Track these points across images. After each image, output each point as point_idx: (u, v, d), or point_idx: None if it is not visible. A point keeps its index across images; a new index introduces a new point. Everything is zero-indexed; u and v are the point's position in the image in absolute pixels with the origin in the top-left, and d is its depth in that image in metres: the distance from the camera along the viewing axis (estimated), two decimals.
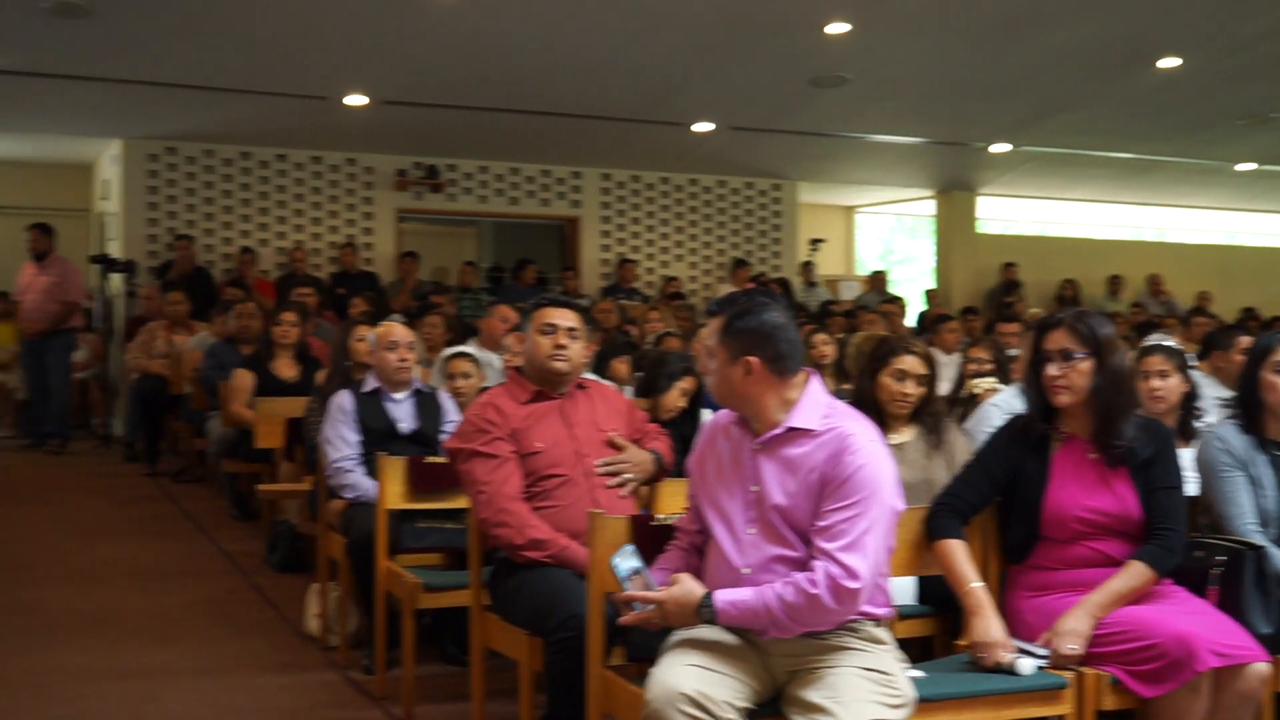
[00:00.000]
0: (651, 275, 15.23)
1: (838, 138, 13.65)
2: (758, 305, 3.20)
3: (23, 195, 14.92)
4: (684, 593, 3.13)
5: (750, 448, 3.21)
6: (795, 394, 3.19)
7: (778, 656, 3.13)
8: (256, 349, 8.47)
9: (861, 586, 3.01)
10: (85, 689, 4.97)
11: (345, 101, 11.55)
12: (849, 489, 3.05)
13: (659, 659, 3.15)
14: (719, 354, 3.20)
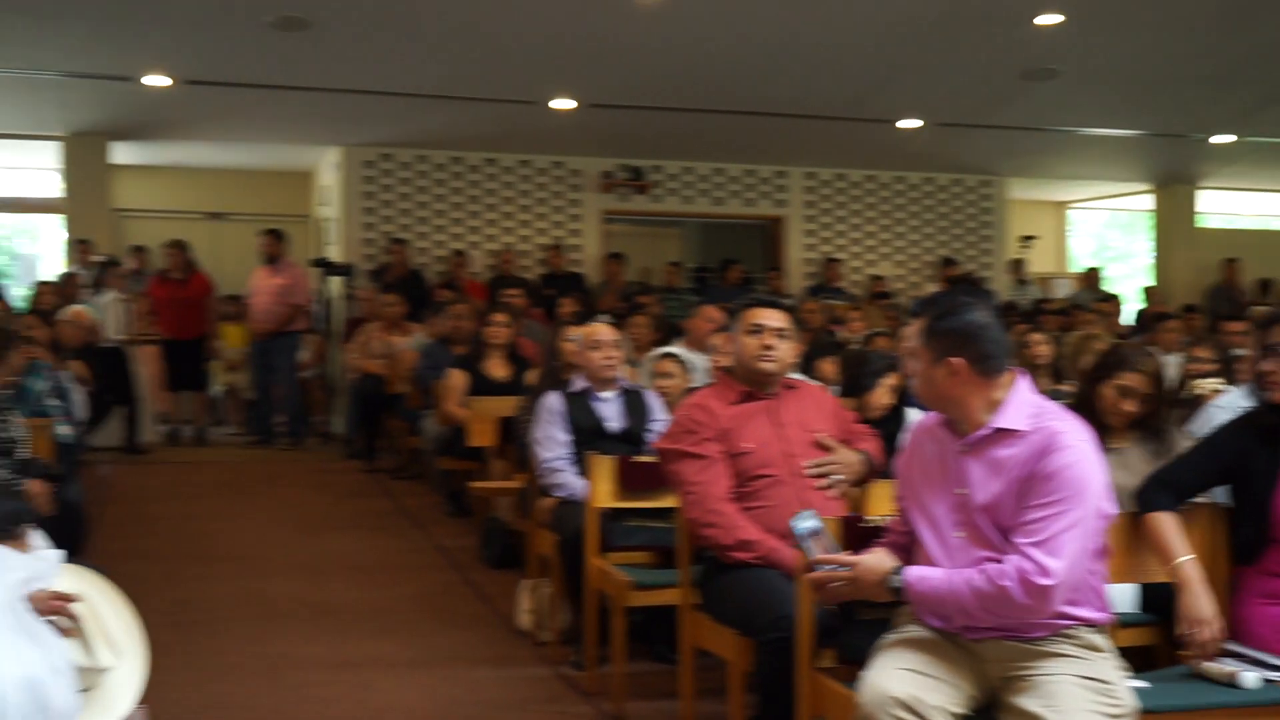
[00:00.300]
0: (857, 274, 15.07)
1: (1049, 132, 13.28)
2: (961, 305, 3.14)
3: (249, 202, 15.58)
4: (876, 560, 3.15)
5: (956, 450, 3.15)
6: (1002, 394, 3.12)
7: (992, 662, 3.07)
8: (469, 349, 8.66)
9: (1053, 584, 2.92)
10: (309, 676, 5.16)
11: (552, 105, 11.74)
12: (1052, 486, 2.97)
13: (870, 662, 3.12)
14: (922, 355, 3.15)
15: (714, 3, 9.14)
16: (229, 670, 5.21)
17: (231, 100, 11.60)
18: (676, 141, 13.50)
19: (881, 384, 5.53)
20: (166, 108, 11.85)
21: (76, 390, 7.52)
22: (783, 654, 3.53)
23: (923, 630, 3.15)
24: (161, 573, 6.84)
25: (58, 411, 6.47)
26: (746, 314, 4.28)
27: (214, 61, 10.47)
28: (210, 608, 6.19)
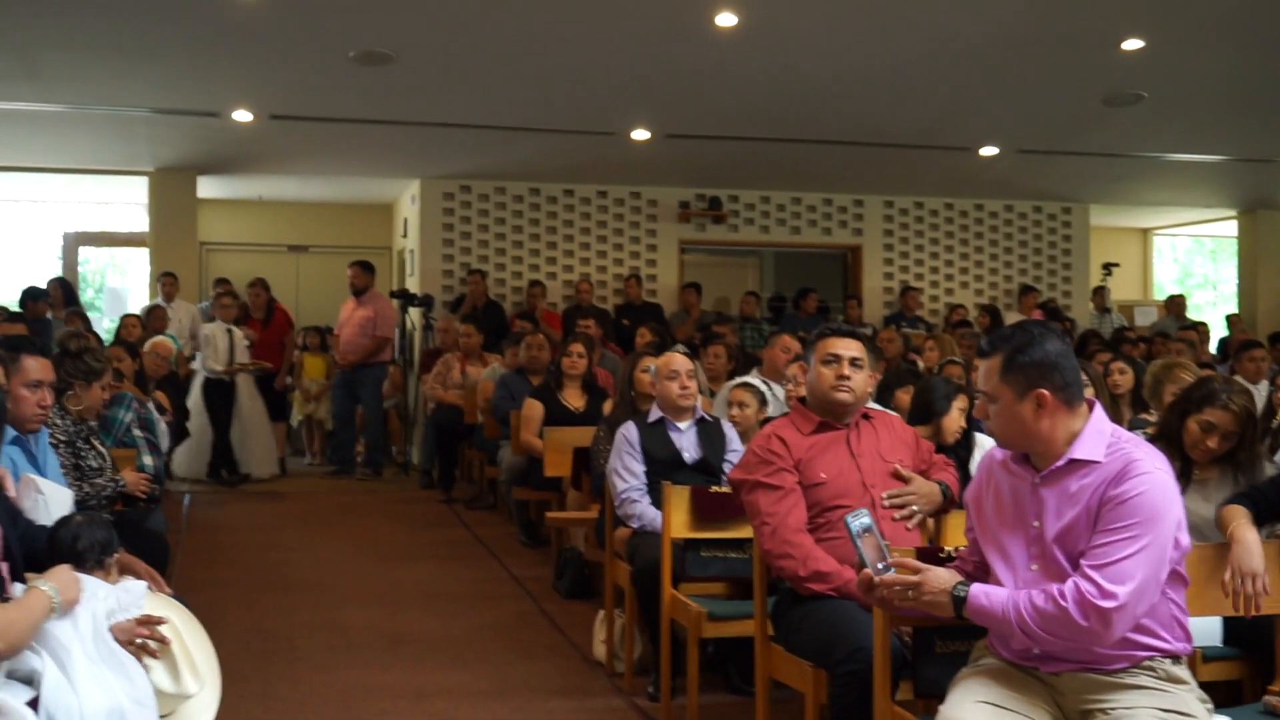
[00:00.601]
0: (935, 303, 14.96)
1: (1132, 158, 13.12)
2: (1036, 336, 3.08)
3: (331, 235, 15.81)
4: (943, 572, 3.14)
5: (1032, 482, 3.10)
6: (1079, 424, 3.06)
7: (1069, 694, 3.01)
8: (545, 379, 8.70)
9: (1114, 608, 2.86)
10: (385, 706, 5.18)
11: (630, 136, 11.79)
12: (1122, 513, 2.92)
13: (947, 694, 3.08)
14: (1003, 394, 3.08)
15: (791, 30, 9.13)
16: (305, 699, 5.24)
17: (314, 134, 11.79)
18: (753, 171, 13.50)
19: (954, 406, 5.46)
20: (251, 142, 12.06)
21: (161, 421, 7.62)
22: (858, 686, 3.49)
23: (998, 662, 3.10)
24: (240, 601, 6.91)
25: (142, 442, 6.56)
26: (822, 344, 4.26)
27: (298, 96, 10.64)
28: (287, 637, 6.24)
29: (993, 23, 9.02)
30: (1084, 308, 15.12)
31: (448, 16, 8.76)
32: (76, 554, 3.33)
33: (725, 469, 5.64)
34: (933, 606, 3.12)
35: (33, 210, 15.83)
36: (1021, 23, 9.04)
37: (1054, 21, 9.02)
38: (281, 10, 8.60)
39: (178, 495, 10.48)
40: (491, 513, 9.95)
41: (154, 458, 6.59)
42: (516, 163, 12.96)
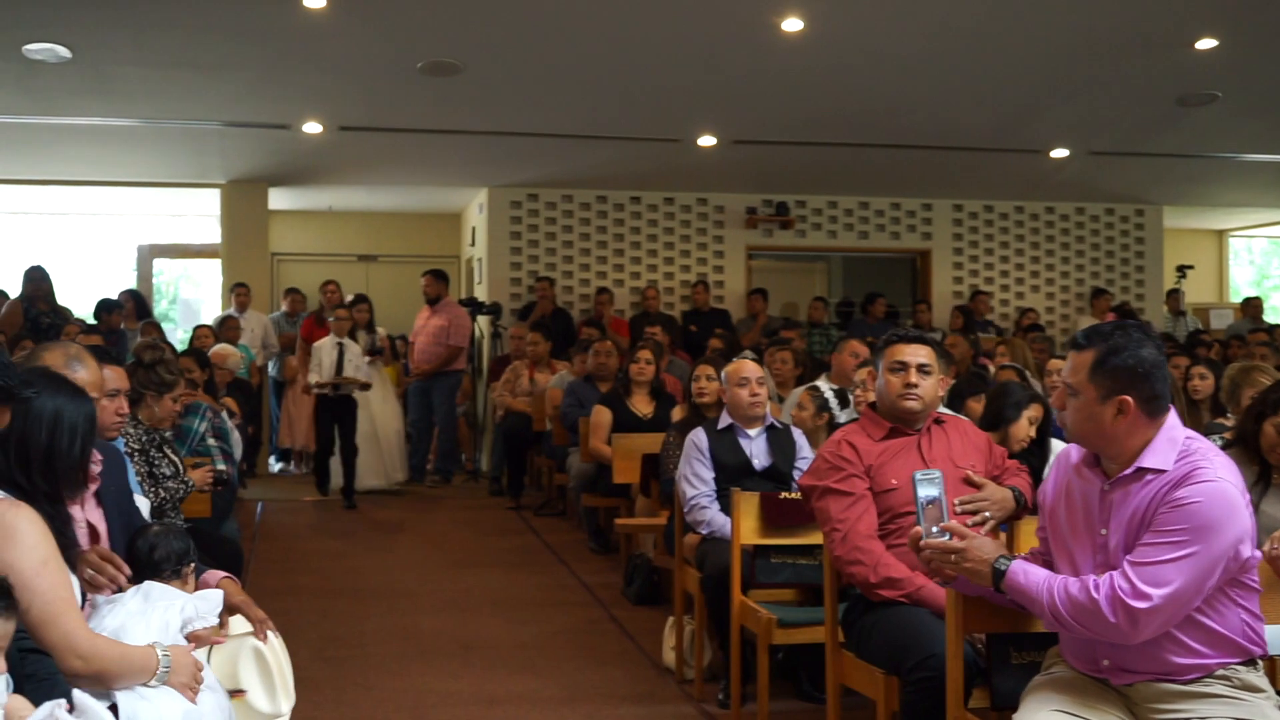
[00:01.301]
0: (1006, 307, 14.82)
1: (1207, 158, 12.93)
2: (1133, 341, 3.00)
3: (400, 244, 15.94)
4: (989, 543, 3.15)
5: (1101, 488, 3.06)
6: (1153, 432, 3.00)
7: (1143, 704, 2.97)
8: (614, 386, 8.71)
9: (1145, 609, 2.82)
10: (456, 712, 5.20)
11: (697, 142, 11.78)
12: (1173, 518, 2.87)
13: (1020, 703, 3.04)
14: (1086, 391, 3.02)
15: (857, 34, 9.10)
16: (377, 705, 5.28)
17: (383, 145, 11.89)
18: (820, 176, 13.45)
19: (1024, 415, 5.39)
20: (321, 154, 12.19)
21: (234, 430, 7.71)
22: (931, 693, 3.46)
23: (1070, 672, 3.06)
24: (313, 608, 6.97)
25: (216, 451, 6.64)
26: (889, 351, 4.23)
27: (366, 108, 10.75)
28: (359, 643, 6.28)
29: (1064, 24, 8.94)
30: (1158, 311, 14.91)
31: (514, 26, 8.81)
32: (153, 564, 3.37)
33: (795, 476, 5.62)
34: (973, 575, 3.14)
35: (108, 223, 16.09)
36: (1093, 24, 8.95)
37: (1126, 22, 8.92)
38: (349, 23, 8.69)
39: (251, 503, 10.59)
40: (560, 519, 9.97)
41: (228, 465, 6.67)
42: (583, 170, 13.00)
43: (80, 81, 9.71)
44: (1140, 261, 15.29)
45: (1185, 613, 2.88)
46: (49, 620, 2.70)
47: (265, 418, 12.85)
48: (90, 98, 10.15)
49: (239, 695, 3.30)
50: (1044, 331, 13.44)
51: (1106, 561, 2.99)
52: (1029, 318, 14.03)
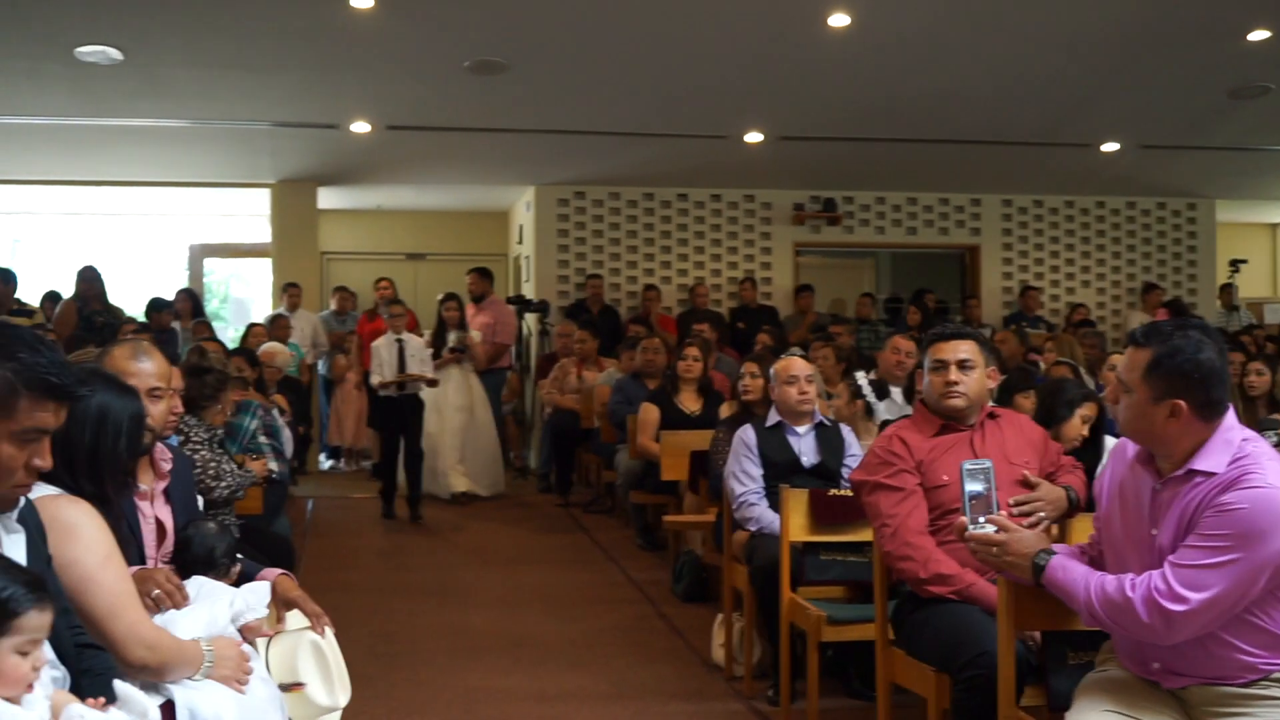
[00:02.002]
0: (1056, 303, 14.70)
1: (1261, 151, 12.77)
2: (1192, 342, 2.93)
3: (448, 243, 16.02)
4: (1031, 537, 3.15)
5: (1153, 487, 3.01)
6: (1208, 434, 2.94)
7: (1198, 707, 2.93)
8: (661, 383, 8.71)
9: (1180, 613, 2.79)
10: (506, 708, 5.22)
11: (743, 139, 11.76)
12: (1218, 522, 2.82)
13: (1073, 701, 3.02)
14: (1139, 390, 2.96)
15: (904, 29, 9.05)
16: (428, 702, 5.30)
17: (431, 144, 11.95)
18: (868, 172, 13.40)
19: (1077, 414, 5.33)
20: (369, 153, 12.26)
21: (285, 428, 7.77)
22: (982, 692, 3.44)
23: (1124, 672, 3.03)
24: (364, 605, 7.01)
25: (268, 449, 6.69)
26: (930, 350, 4.21)
27: (414, 107, 10.80)
28: (410, 640, 6.32)
29: (1113, 17, 8.86)
30: (1211, 305, 14.73)
31: (560, 24, 8.83)
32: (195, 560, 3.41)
33: (844, 473, 5.60)
34: (1013, 569, 3.14)
35: (160, 223, 16.24)
36: (1144, 16, 8.87)
37: (1177, 14, 8.83)
38: (397, 23, 8.74)
39: (302, 500, 10.66)
40: (609, 516, 9.98)
41: (280, 463, 6.73)
42: (630, 167, 13.01)
43: (132, 83, 9.81)
44: (1193, 256, 15.13)
45: (1226, 618, 2.84)
46: (115, 613, 2.73)
47: (315, 416, 12.93)
48: (142, 99, 10.25)
49: (298, 688, 3.33)
50: (1094, 327, 13.33)
51: (1155, 561, 2.94)
52: (1079, 313, 13.92)
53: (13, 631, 2.14)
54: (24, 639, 2.15)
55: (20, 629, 2.15)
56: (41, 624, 2.19)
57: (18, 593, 2.15)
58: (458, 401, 10.85)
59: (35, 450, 2.39)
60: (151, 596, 3.09)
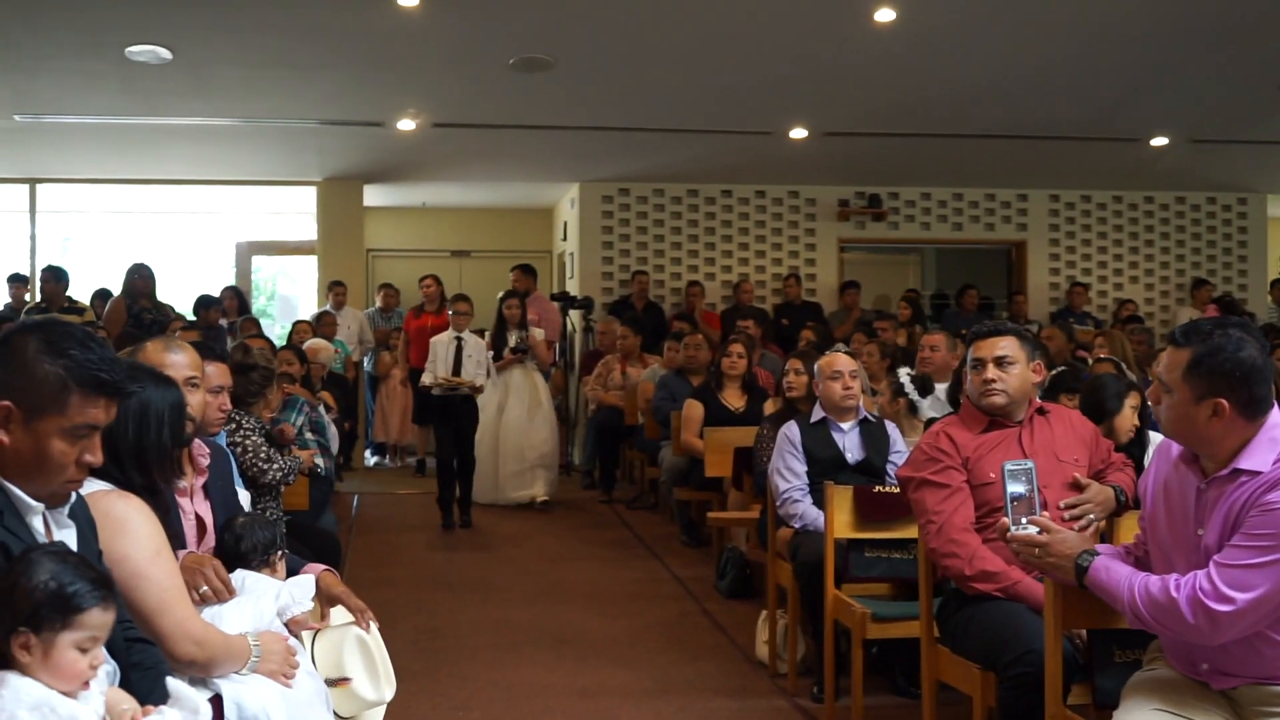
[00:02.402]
0: (1104, 299, 14.58)
1: None
2: (1232, 340, 2.89)
3: (493, 240, 16.07)
4: (1074, 537, 3.15)
5: (1198, 487, 2.98)
6: (1253, 433, 2.90)
7: (1248, 706, 2.90)
8: (705, 380, 8.70)
9: (1226, 613, 2.76)
10: (549, 704, 5.24)
11: (788, 135, 11.73)
12: (1263, 522, 2.79)
13: (1121, 700, 3.00)
14: (1180, 390, 2.93)
15: (950, 23, 8.99)
16: (472, 696, 5.33)
17: (475, 141, 11.99)
18: (913, 167, 13.33)
19: (1127, 404, 5.28)
20: (415, 150, 12.31)
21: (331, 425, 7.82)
22: (1028, 690, 3.42)
23: (1172, 672, 3.01)
24: (408, 601, 7.05)
25: (314, 445, 6.74)
26: (971, 347, 4.19)
27: (459, 104, 10.84)
28: (454, 635, 6.35)
29: (1163, 9, 8.76)
30: (1261, 301, 14.56)
31: (605, 21, 8.83)
32: (241, 554, 3.43)
33: (889, 469, 5.58)
34: (1056, 570, 3.14)
35: (207, 221, 16.38)
36: (1194, 8, 8.76)
37: (1228, 6, 8.72)
38: (442, 22, 8.77)
39: (348, 496, 10.73)
40: (653, 513, 9.99)
41: (325, 459, 6.77)
42: (674, 164, 13.00)
43: (181, 82, 9.89)
44: (1243, 251, 14.96)
45: (1273, 617, 2.81)
46: (164, 608, 2.76)
47: (361, 412, 13.01)
48: (190, 98, 10.34)
49: (345, 683, 3.36)
50: (1143, 323, 13.22)
51: (1201, 561, 2.91)
52: (1127, 309, 13.80)
53: (74, 627, 2.16)
54: (84, 635, 2.18)
55: (82, 625, 2.17)
56: (104, 622, 2.22)
57: (83, 589, 2.18)
58: (521, 404, 10.30)
59: (86, 446, 2.42)
60: (199, 593, 3.12)
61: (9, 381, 2.37)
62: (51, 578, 2.16)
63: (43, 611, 2.14)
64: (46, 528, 2.45)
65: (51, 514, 2.47)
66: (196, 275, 15.68)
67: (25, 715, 2.06)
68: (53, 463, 2.38)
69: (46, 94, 10.33)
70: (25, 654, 2.12)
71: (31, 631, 2.13)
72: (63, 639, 2.15)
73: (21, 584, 2.14)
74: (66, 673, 2.15)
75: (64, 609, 2.15)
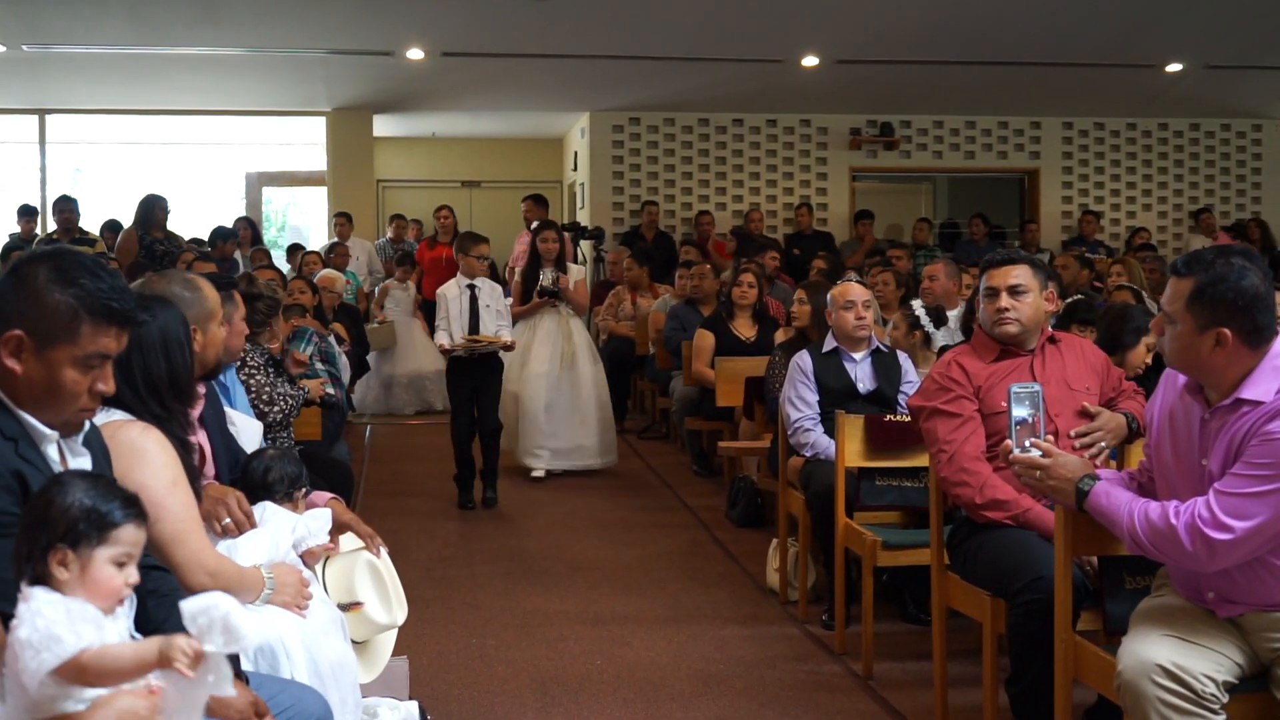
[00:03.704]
0: (1117, 227, 14.51)
1: None
2: (1235, 269, 2.88)
3: (503, 170, 16.02)
4: (1075, 462, 3.16)
5: (1202, 417, 2.99)
6: (1255, 361, 2.90)
7: (1258, 634, 2.92)
8: (716, 309, 8.69)
9: (1224, 541, 2.78)
10: (563, 631, 5.28)
11: (800, 63, 11.64)
12: (1263, 451, 2.80)
13: (1129, 627, 3.02)
14: (1184, 320, 2.92)
15: None
16: (485, 624, 5.37)
17: (485, 70, 11.92)
18: (926, 95, 13.23)
19: (1143, 342, 5.26)
20: (424, 80, 12.24)
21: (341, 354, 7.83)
22: (1038, 616, 3.44)
23: (1179, 600, 3.02)
24: (421, 529, 7.10)
25: (325, 374, 6.76)
26: (985, 276, 4.18)
27: (469, 33, 10.76)
28: (468, 563, 6.39)
29: None
30: (1276, 229, 14.49)
31: None
32: (266, 486, 3.45)
33: (901, 399, 5.58)
34: (1057, 493, 3.16)
35: (217, 152, 16.35)
36: None
37: None
38: None
39: (360, 426, 10.77)
40: (664, 443, 10.02)
41: (337, 389, 6.79)
42: (685, 93, 12.91)
43: (189, 11, 9.84)
44: (1257, 179, 14.88)
45: (1270, 545, 2.83)
46: (179, 538, 2.79)
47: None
48: (199, 27, 10.28)
49: (356, 607, 3.39)
50: (1155, 251, 13.16)
51: (1205, 490, 2.91)
52: (1140, 237, 13.74)
53: (110, 542, 2.20)
54: (120, 550, 2.21)
55: (118, 540, 2.21)
56: (138, 539, 2.25)
57: (116, 505, 2.22)
58: (550, 356, 8.59)
59: (98, 375, 2.43)
60: (222, 525, 3.15)
61: (20, 310, 2.38)
62: (86, 495, 2.20)
63: (79, 527, 2.17)
64: (61, 456, 2.47)
65: (66, 442, 2.48)
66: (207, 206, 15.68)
67: (52, 622, 2.10)
68: (65, 391, 2.39)
69: (55, 24, 10.27)
70: (63, 570, 2.16)
71: (69, 548, 2.17)
72: (99, 554, 2.19)
73: (58, 502, 2.18)
74: (104, 588, 2.19)
75: (100, 524, 2.19)
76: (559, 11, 9.97)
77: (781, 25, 10.63)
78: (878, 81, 12.55)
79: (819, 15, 10.40)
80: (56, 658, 2.03)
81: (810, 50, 11.42)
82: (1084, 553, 3.40)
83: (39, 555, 2.17)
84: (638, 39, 10.91)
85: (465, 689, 4.59)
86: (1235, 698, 2.85)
